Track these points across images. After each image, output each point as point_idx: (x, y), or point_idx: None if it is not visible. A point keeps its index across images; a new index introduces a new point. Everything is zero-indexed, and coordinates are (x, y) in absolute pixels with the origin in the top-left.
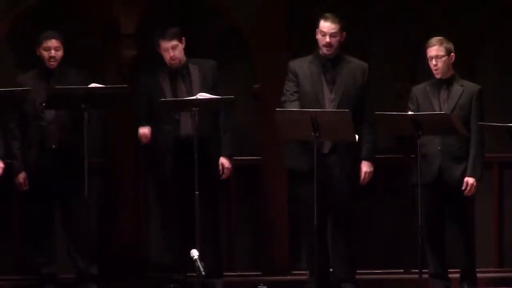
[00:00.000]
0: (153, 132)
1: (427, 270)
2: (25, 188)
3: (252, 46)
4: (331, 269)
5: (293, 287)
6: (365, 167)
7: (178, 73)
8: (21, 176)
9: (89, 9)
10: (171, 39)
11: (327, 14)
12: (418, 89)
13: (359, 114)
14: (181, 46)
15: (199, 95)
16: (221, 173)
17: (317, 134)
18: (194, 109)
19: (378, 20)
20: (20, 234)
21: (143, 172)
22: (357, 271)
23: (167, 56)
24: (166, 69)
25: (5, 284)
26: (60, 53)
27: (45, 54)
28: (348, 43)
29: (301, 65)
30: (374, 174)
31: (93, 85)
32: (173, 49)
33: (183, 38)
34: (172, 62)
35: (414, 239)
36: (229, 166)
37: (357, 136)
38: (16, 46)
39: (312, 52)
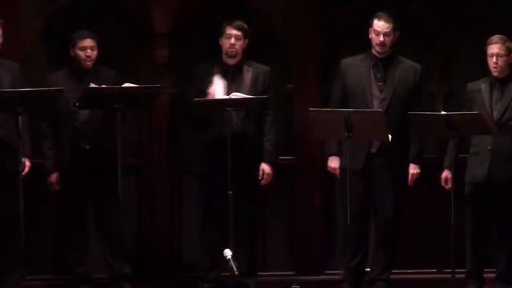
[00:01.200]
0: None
1: (460, 270)
2: (57, 188)
3: (285, 45)
4: (367, 269)
5: (326, 287)
6: (412, 169)
7: (230, 71)
8: (54, 176)
9: (123, 9)
10: (238, 29)
11: (380, 13)
12: (472, 87)
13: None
14: (243, 42)
15: (233, 95)
16: (260, 178)
17: (350, 134)
18: (228, 109)
19: (410, 20)
20: (53, 234)
21: (178, 171)
22: (391, 271)
23: (227, 43)
24: (220, 65)
25: (39, 284)
26: (95, 53)
27: (81, 53)
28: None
29: (351, 64)
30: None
31: (126, 84)
32: (235, 39)
33: (248, 39)
34: (229, 50)
35: (447, 239)
36: (270, 172)
37: (390, 136)
38: (49, 45)
39: (361, 51)
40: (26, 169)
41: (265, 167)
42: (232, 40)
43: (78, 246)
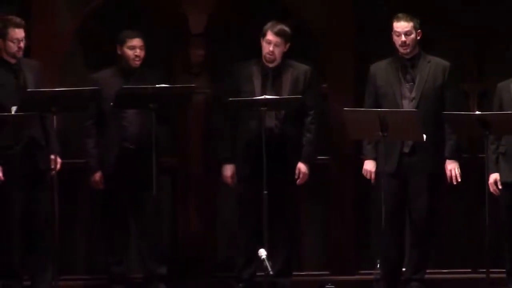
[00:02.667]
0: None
1: (495, 270)
2: (100, 187)
3: (320, 45)
4: (403, 269)
5: (361, 287)
6: (450, 165)
7: (270, 71)
8: (97, 175)
9: (158, 9)
10: (278, 35)
11: (399, 14)
12: (502, 86)
13: (442, 111)
14: (283, 47)
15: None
16: (297, 177)
17: (385, 134)
18: (262, 108)
19: (444, 20)
20: (88, 234)
21: (213, 171)
22: (426, 271)
23: (266, 48)
24: (260, 64)
25: (73, 284)
26: (143, 53)
27: (130, 53)
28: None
29: (380, 67)
30: (444, 173)
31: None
32: (274, 45)
33: (289, 42)
34: (268, 56)
35: (482, 238)
36: (306, 172)
37: (424, 136)
38: (85, 45)
39: (388, 52)
40: (58, 166)
41: (301, 167)
42: (271, 47)
43: (117, 245)
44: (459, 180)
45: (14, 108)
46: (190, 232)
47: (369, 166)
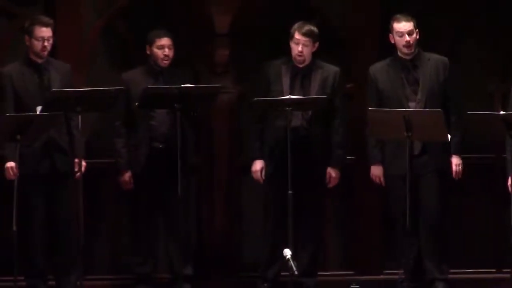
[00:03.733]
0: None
1: None
2: (130, 187)
3: (344, 46)
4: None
5: (386, 286)
6: (455, 160)
7: (300, 72)
8: (127, 175)
9: (183, 9)
10: (306, 35)
11: (397, 15)
12: None
13: (445, 108)
14: (312, 47)
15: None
16: (327, 181)
17: (409, 134)
18: (287, 108)
19: (470, 20)
20: (114, 234)
21: (239, 171)
22: (450, 271)
23: (295, 49)
24: (289, 64)
25: (99, 284)
26: (172, 52)
27: (159, 52)
28: (439, 44)
29: (381, 69)
30: (467, 172)
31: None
32: (303, 45)
33: (317, 42)
34: (298, 57)
35: (506, 238)
36: (336, 176)
37: (449, 136)
38: (110, 44)
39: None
40: (82, 169)
41: (331, 171)
42: (300, 48)
43: (143, 246)
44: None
45: (39, 108)
46: (215, 232)
47: (377, 171)
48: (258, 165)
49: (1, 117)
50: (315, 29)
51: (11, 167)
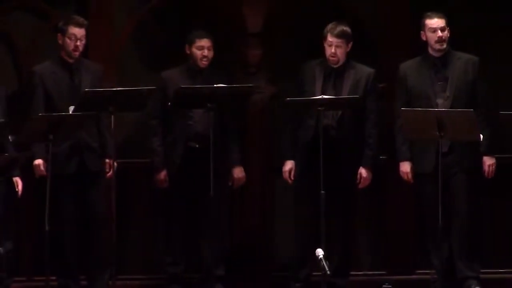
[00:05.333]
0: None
1: None
2: (165, 185)
3: (377, 45)
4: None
5: (418, 286)
6: (488, 160)
7: (333, 72)
8: (162, 174)
9: (216, 8)
10: (338, 37)
11: (429, 13)
12: None
13: (473, 108)
14: (345, 48)
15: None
16: (358, 181)
17: (442, 134)
18: (319, 108)
19: (500, 20)
20: (146, 233)
21: (271, 170)
22: (481, 270)
23: (328, 51)
24: (323, 65)
25: (131, 283)
26: (211, 53)
27: (198, 53)
28: (469, 42)
29: (411, 67)
30: (498, 171)
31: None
32: (336, 46)
33: (351, 42)
34: (331, 58)
35: None
36: (367, 177)
37: (481, 136)
38: (142, 44)
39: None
40: (113, 170)
41: (362, 172)
42: (333, 49)
43: (176, 246)
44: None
45: (71, 108)
46: (247, 232)
47: (406, 167)
48: (288, 165)
49: (34, 116)
50: (347, 29)
51: (39, 164)
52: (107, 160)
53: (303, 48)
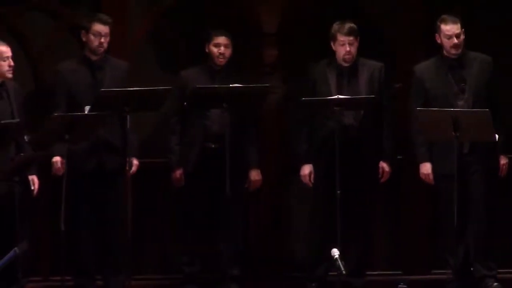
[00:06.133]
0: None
1: None
2: (181, 184)
3: (391, 45)
4: (471, 268)
5: (434, 286)
6: (502, 160)
7: (346, 71)
8: (178, 172)
9: (231, 8)
10: (349, 34)
11: (444, 17)
12: None
13: (489, 107)
14: (356, 44)
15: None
16: (380, 176)
17: (457, 134)
18: (336, 108)
19: None
20: (162, 233)
21: (286, 170)
22: (500, 270)
23: (342, 50)
24: (334, 64)
25: (147, 283)
26: (229, 51)
27: (215, 50)
28: (483, 42)
29: (427, 68)
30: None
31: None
32: (349, 45)
33: (359, 37)
34: (346, 57)
35: None
36: (389, 170)
37: (497, 136)
38: (156, 44)
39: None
40: (134, 168)
41: (384, 165)
42: (347, 47)
43: (191, 246)
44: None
45: (87, 108)
46: (262, 232)
47: (427, 169)
48: (306, 169)
49: (49, 116)
50: (354, 25)
51: (56, 162)
52: (127, 160)
53: (318, 48)
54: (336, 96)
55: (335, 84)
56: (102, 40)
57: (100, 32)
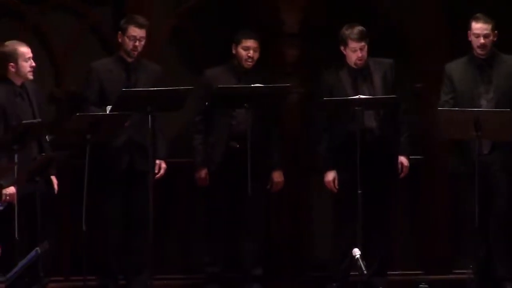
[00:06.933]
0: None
1: None
2: (206, 184)
3: (413, 45)
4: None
5: (455, 286)
6: None
7: (359, 73)
8: (203, 172)
9: (253, 9)
10: (360, 40)
11: (478, 15)
12: None
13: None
14: (367, 46)
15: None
16: (400, 171)
17: (479, 134)
18: (357, 108)
19: None
20: (184, 233)
21: (307, 170)
22: None
23: (354, 56)
24: (346, 67)
25: (169, 283)
26: (257, 55)
27: (244, 53)
28: (507, 43)
29: (456, 67)
30: None
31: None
32: (361, 50)
33: (368, 38)
34: (359, 62)
35: None
36: (408, 165)
37: None
38: (179, 44)
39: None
40: (162, 171)
41: (403, 160)
42: (359, 53)
43: (215, 245)
44: None
45: (108, 108)
46: (284, 232)
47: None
48: (330, 175)
49: (71, 116)
50: (363, 28)
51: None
52: (157, 161)
53: (338, 49)
54: (357, 96)
55: (350, 87)
56: (137, 43)
57: (135, 35)
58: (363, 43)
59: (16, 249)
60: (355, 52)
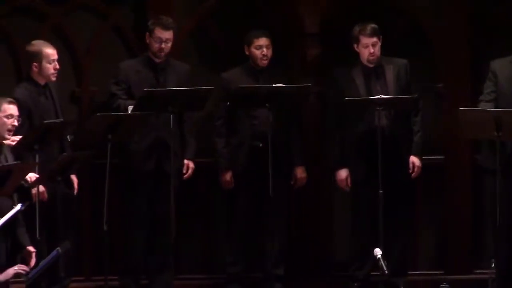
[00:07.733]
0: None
1: None
2: (231, 186)
3: (435, 45)
4: None
5: (476, 286)
6: None
7: (372, 71)
8: (228, 175)
9: (273, 8)
10: (372, 36)
11: None
12: None
13: None
14: (379, 43)
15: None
16: (411, 171)
17: (500, 134)
18: (378, 108)
19: None
20: (206, 234)
21: (327, 170)
22: None
23: (365, 52)
24: (359, 66)
25: (192, 283)
26: (270, 52)
27: (257, 52)
28: None
29: (502, 65)
30: None
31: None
32: (373, 46)
33: (381, 36)
34: (371, 58)
35: None
36: (420, 165)
37: None
38: (200, 44)
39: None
40: (190, 172)
41: (415, 160)
42: (371, 49)
43: (237, 245)
44: None
45: (130, 107)
46: (305, 232)
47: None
48: (343, 174)
49: (92, 116)
50: (375, 25)
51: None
52: (185, 161)
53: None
54: (379, 96)
55: (363, 86)
56: (163, 45)
57: (161, 37)
58: (375, 39)
59: (37, 249)
60: (366, 48)
